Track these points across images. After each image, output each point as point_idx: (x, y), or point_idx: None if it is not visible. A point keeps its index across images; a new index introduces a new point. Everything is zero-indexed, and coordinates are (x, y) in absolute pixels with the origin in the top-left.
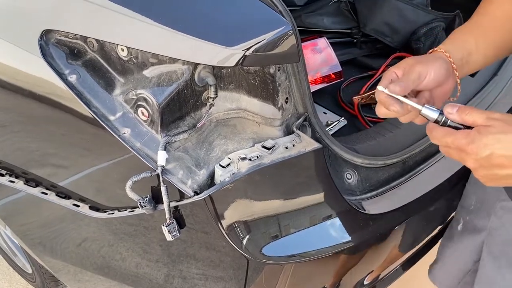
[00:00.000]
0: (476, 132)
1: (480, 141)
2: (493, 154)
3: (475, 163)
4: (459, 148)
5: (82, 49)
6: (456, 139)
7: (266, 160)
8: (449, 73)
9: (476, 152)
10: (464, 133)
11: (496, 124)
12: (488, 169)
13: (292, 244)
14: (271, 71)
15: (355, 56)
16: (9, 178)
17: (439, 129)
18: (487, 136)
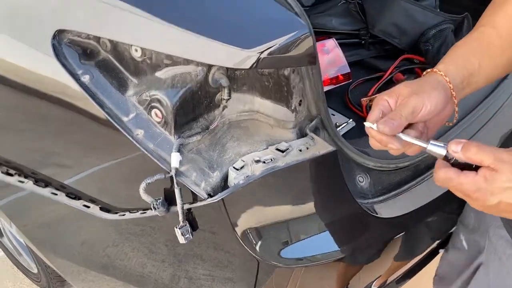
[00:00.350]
0: (482, 179)
1: (487, 190)
2: (501, 202)
3: (481, 207)
4: (464, 193)
5: (95, 49)
6: (460, 185)
7: (280, 163)
8: (447, 100)
9: (483, 200)
10: (468, 178)
11: (504, 169)
12: (494, 212)
13: (304, 247)
14: (286, 73)
15: (363, 57)
16: (18, 178)
17: (442, 171)
18: (494, 184)
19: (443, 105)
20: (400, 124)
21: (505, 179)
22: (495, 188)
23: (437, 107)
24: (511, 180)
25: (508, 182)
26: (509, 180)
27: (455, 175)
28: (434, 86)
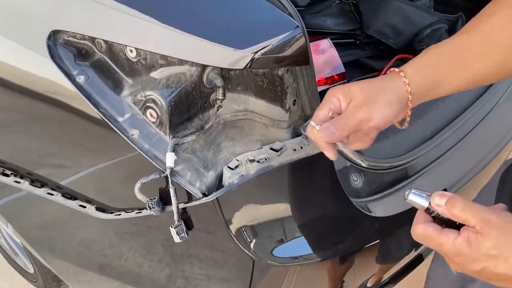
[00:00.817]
0: (465, 243)
1: (469, 256)
2: (485, 270)
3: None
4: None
5: (90, 50)
6: (440, 245)
7: (274, 162)
8: (400, 109)
9: (464, 265)
10: (449, 239)
11: (491, 234)
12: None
13: (298, 246)
14: (280, 73)
15: (358, 57)
16: (15, 178)
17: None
18: (478, 250)
19: (393, 117)
20: (339, 137)
21: (491, 246)
22: (479, 255)
23: (385, 122)
24: (498, 247)
25: (494, 250)
26: (495, 247)
27: (435, 233)
28: (389, 95)
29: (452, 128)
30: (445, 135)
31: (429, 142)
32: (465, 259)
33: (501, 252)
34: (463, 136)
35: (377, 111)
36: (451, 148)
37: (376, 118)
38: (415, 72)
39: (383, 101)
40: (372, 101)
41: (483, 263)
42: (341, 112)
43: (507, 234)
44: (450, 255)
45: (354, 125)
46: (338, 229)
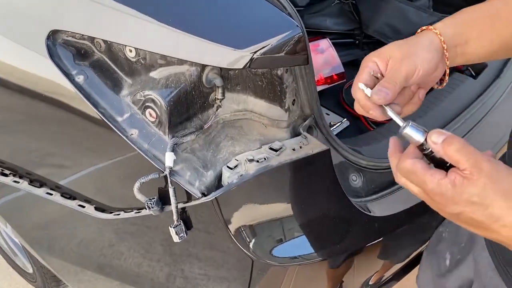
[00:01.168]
0: (450, 185)
1: (451, 198)
2: (462, 214)
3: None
4: (425, 191)
5: (90, 49)
6: (423, 183)
7: (273, 162)
8: (439, 61)
9: (444, 205)
10: (434, 179)
11: (478, 181)
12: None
13: (298, 245)
14: (279, 73)
15: (357, 57)
16: (13, 178)
17: (409, 162)
18: (460, 194)
19: (434, 67)
20: (394, 93)
21: (475, 193)
22: (461, 199)
23: (429, 71)
24: (481, 196)
25: (477, 197)
26: (479, 195)
27: (422, 170)
28: (426, 47)
29: (451, 127)
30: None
31: None
32: (445, 200)
33: (483, 200)
34: (462, 136)
35: (419, 61)
36: None
37: (421, 68)
38: (445, 26)
39: (422, 52)
40: (412, 54)
41: (462, 208)
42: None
43: (494, 183)
44: (431, 194)
45: (402, 79)
46: (337, 229)
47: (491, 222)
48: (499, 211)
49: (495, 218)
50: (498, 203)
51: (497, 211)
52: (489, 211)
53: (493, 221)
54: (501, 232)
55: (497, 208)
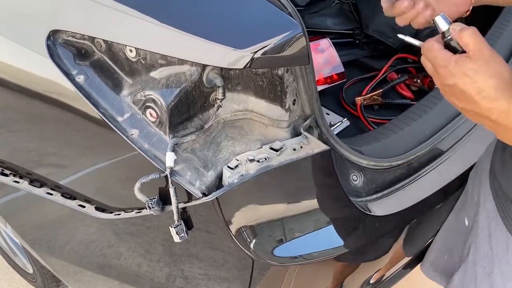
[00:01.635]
0: (453, 59)
1: (451, 69)
2: (455, 86)
3: (440, 85)
4: (434, 66)
5: (90, 49)
6: (435, 58)
7: (274, 162)
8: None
9: (444, 77)
10: (444, 54)
11: (478, 59)
12: (449, 94)
13: (298, 245)
14: (279, 72)
15: (357, 57)
16: (14, 178)
17: (430, 41)
18: (459, 67)
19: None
20: None
21: (470, 68)
22: (458, 72)
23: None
24: (475, 71)
25: (471, 71)
26: (473, 70)
27: (437, 48)
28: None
29: (451, 127)
30: (444, 134)
31: (428, 141)
32: (446, 72)
33: (474, 75)
34: (462, 135)
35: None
36: (450, 148)
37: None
38: None
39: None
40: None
41: (457, 79)
42: None
43: (488, 65)
44: (437, 66)
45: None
46: (338, 228)
47: (475, 93)
48: (484, 85)
49: (479, 90)
50: (485, 80)
51: (482, 85)
52: (477, 85)
53: (477, 93)
54: (481, 103)
55: (483, 83)
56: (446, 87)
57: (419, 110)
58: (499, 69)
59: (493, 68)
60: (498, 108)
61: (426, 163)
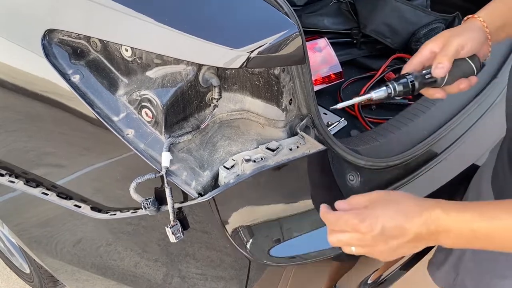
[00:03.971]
0: (364, 209)
1: (370, 217)
2: (385, 227)
3: (372, 241)
4: (354, 229)
5: (85, 49)
6: (348, 220)
7: (270, 161)
8: (484, 41)
9: (371, 229)
10: (353, 213)
11: (377, 203)
12: (385, 243)
13: (295, 246)
14: (276, 72)
15: (355, 56)
16: (9, 178)
17: (330, 214)
18: (375, 210)
19: (480, 45)
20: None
21: (380, 207)
22: (377, 212)
23: (477, 47)
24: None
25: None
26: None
27: (342, 214)
28: (473, 29)
29: (448, 128)
30: (441, 135)
31: (425, 141)
32: (370, 222)
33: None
34: (459, 136)
35: (468, 39)
36: (447, 148)
37: (469, 43)
38: (486, 13)
39: (469, 32)
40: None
41: (382, 220)
42: None
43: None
44: (357, 225)
45: (454, 51)
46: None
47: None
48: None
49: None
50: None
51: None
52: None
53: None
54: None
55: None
56: (378, 237)
57: (417, 110)
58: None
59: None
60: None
61: (423, 163)
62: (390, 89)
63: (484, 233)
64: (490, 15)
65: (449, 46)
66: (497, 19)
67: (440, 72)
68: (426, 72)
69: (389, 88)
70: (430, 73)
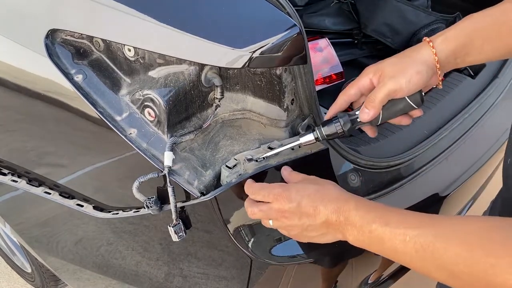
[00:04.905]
0: (290, 184)
1: (293, 190)
2: (301, 202)
3: (288, 213)
4: (276, 199)
5: (88, 49)
6: (274, 188)
7: (272, 161)
8: (430, 75)
9: (290, 200)
10: (279, 184)
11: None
12: (299, 218)
13: (296, 245)
14: (278, 72)
15: (356, 56)
16: (12, 177)
17: (256, 183)
18: (299, 185)
19: (424, 83)
20: (375, 111)
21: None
22: (299, 187)
23: (418, 86)
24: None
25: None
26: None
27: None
28: (418, 68)
29: (449, 127)
30: (442, 134)
31: (426, 141)
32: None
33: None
34: (460, 135)
35: (405, 82)
36: (448, 148)
37: (406, 88)
38: (444, 41)
39: (411, 72)
40: (401, 73)
41: (302, 193)
42: None
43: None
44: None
45: (384, 96)
46: None
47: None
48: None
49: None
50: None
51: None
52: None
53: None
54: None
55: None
56: (294, 209)
57: None
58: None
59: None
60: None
61: (424, 163)
62: (316, 134)
63: (377, 236)
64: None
65: (379, 91)
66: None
67: (365, 116)
68: (355, 114)
69: (316, 133)
70: None
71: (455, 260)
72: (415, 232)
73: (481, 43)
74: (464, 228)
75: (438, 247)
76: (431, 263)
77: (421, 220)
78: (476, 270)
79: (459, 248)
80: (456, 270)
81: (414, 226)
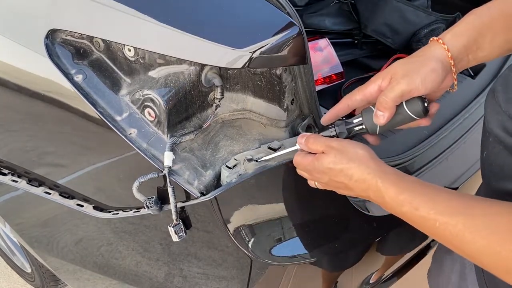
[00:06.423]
0: (315, 161)
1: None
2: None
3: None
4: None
5: (88, 49)
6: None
7: (272, 161)
8: (445, 74)
9: (318, 178)
10: (307, 160)
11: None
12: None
13: (296, 245)
14: (278, 72)
15: (356, 57)
16: (12, 177)
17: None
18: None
19: (439, 82)
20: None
21: (329, 161)
22: (324, 168)
23: (432, 87)
24: (334, 162)
25: (332, 164)
26: (332, 162)
27: (299, 159)
28: (431, 64)
29: (449, 127)
30: (442, 134)
31: (426, 141)
32: (317, 172)
33: (336, 166)
34: (460, 135)
35: (420, 80)
36: (448, 148)
37: (422, 87)
38: (454, 37)
39: (425, 70)
40: (414, 72)
41: (327, 175)
42: None
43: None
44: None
45: (395, 96)
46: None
47: (347, 180)
48: (349, 170)
49: (349, 177)
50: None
51: (348, 171)
52: (344, 173)
53: (349, 179)
54: (355, 188)
55: (347, 169)
56: (326, 185)
57: None
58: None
59: (349, 154)
60: (371, 188)
61: (424, 163)
62: None
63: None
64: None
65: (391, 90)
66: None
67: (381, 120)
68: (357, 122)
69: None
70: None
71: (483, 251)
72: (445, 219)
73: (491, 36)
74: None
75: (467, 237)
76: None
77: (451, 205)
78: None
79: (487, 241)
80: (484, 261)
81: (445, 213)
